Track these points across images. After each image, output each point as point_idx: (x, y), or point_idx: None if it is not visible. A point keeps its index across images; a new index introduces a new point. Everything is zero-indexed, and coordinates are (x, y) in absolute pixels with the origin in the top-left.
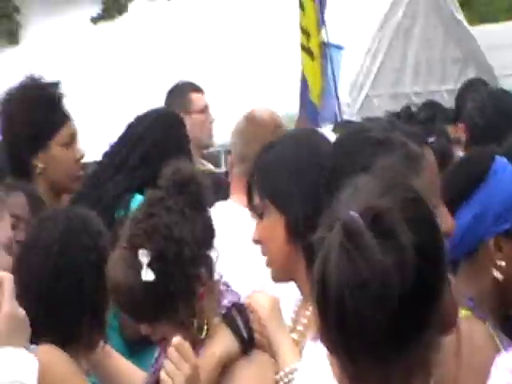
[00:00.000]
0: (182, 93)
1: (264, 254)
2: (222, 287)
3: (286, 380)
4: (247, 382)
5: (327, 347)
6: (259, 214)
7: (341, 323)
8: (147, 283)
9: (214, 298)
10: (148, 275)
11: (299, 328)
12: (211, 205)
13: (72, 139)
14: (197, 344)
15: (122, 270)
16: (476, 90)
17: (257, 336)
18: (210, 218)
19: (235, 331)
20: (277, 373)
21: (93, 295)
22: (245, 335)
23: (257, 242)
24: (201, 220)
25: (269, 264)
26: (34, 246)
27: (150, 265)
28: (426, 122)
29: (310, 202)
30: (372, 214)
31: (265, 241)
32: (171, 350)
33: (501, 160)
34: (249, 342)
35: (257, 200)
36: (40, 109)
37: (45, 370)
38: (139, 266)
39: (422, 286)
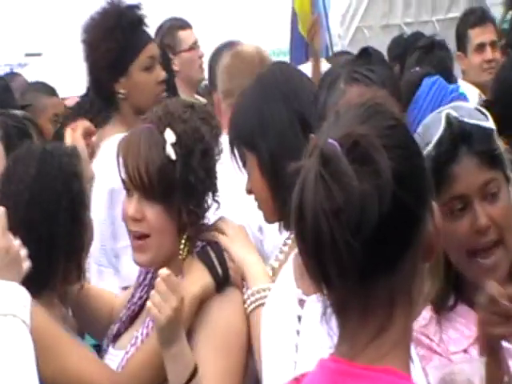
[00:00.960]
0: (169, 32)
1: (255, 199)
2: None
3: (252, 299)
4: (219, 320)
5: (308, 274)
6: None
7: (317, 250)
8: (167, 160)
9: (199, 229)
10: (171, 152)
11: (280, 256)
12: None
13: (152, 62)
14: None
15: (145, 143)
16: None
17: (231, 273)
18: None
19: (210, 269)
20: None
21: (66, 241)
22: (219, 272)
23: (248, 192)
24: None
25: (258, 206)
26: (4, 192)
27: (173, 145)
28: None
29: (276, 138)
30: (350, 141)
31: (250, 186)
32: (159, 282)
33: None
34: (223, 280)
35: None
36: (118, 35)
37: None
38: (163, 143)
39: (400, 213)
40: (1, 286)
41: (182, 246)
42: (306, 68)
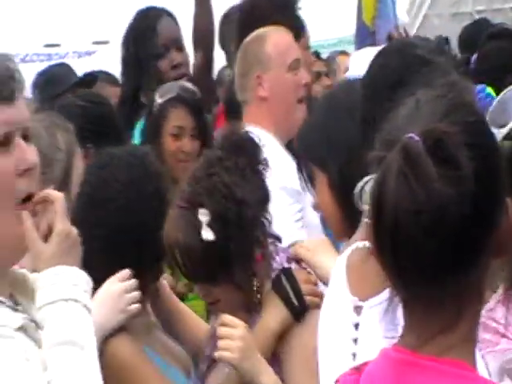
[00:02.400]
0: None
1: (323, 216)
2: (272, 246)
3: None
4: (302, 350)
5: (382, 268)
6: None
7: (394, 248)
8: (206, 243)
9: (268, 261)
10: (208, 234)
11: None
12: (266, 166)
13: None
14: (252, 309)
15: (181, 228)
16: None
17: (308, 298)
18: (265, 180)
19: (285, 300)
20: None
21: (153, 245)
22: (295, 303)
23: (315, 207)
24: (259, 181)
25: (328, 226)
26: (94, 200)
27: (209, 224)
28: None
29: (345, 156)
30: (433, 139)
31: (319, 204)
32: (219, 329)
33: None
34: (300, 308)
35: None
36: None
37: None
38: (199, 226)
39: (479, 216)
40: (62, 270)
41: (255, 297)
42: (366, 52)
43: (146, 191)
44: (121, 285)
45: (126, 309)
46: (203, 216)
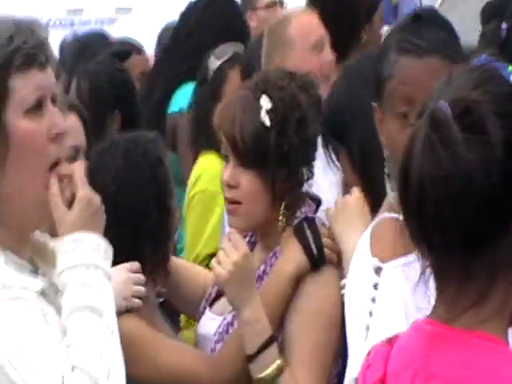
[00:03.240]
0: None
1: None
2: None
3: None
4: (313, 295)
5: (411, 239)
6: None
7: (421, 215)
8: (260, 126)
9: (297, 202)
10: (265, 119)
11: None
12: None
13: None
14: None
15: (241, 107)
16: None
17: (327, 252)
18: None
19: (304, 248)
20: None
21: (154, 231)
22: (314, 251)
23: (345, 185)
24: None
25: None
26: (91, 185)
27: (268, 112)
28: None
29: (365, 130)
30: (462, 106)
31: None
32: (224, 240)
33: None
34: (318, 259)
35: None
36: None
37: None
38: (259, 109)
39: (508, 185)
40: (83, 236)
41: (280, 217)
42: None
43: (141, 178)
44: (130, 274)
45: (129, 298)
46: (265, 102)
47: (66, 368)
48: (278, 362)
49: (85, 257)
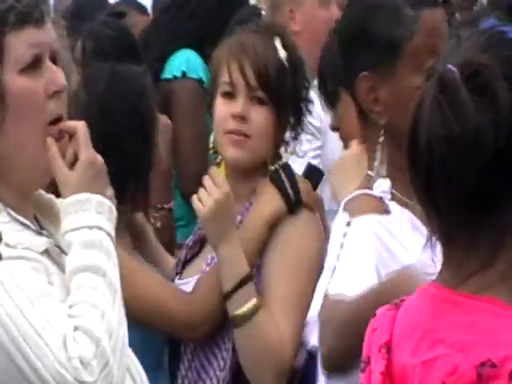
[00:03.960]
0: None
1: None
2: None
3: None
4: (292, 239)
5: (419, 202)
6: None
7: (428, 176)
8: (282, 65)
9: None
10: (285, 58)
11: None
12: None
13: None
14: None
15: (262, 46)
16: None
17: (304, 196)
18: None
19: (281, 191)
20: None
21: (135, 160)
22: (291, 194)
23: (334, 128)
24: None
25: (343, 145)
26: (76, 107)
27: (285, 53)
28: None
29: None
30: (471, 69)
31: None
32: (206, 178)
33: None
34: (295, 201)
35: None
36: None
37: None
38: (276, 50)
39: None
40: (86, 198)
41: (277, 162)
42: None
43: (125, 106)
44: None
45: None
46: (279, 45)
47: (68, 328)
48: (255, 300)
49: (88, 218)
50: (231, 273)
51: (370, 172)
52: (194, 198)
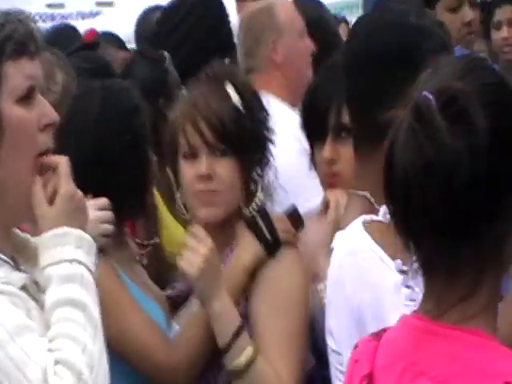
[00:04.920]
0: None
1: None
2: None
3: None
4: (275, 280)
5: (397, 233)
6: None
7: (406, 205)
8: (237, 112)
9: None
10: (238, 104)
11: None
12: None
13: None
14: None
15: (212, 97)
16: None
17: (282, 234)
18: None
19: (258, 235)
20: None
21: (132, 178)
22: (268, 237)
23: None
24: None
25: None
26: (68, 130)
27: (237, 97)
28: None
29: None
30: (446, 96)
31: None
32: (188, 238)
33: None
34: (273, 243)
35: None
36: None
37: None
38: (228, 96)
39: (493, 175)
40: (65, 232)
41: (251, 205)
42: None
43: (116, 125)
44: (96, 213)
45: (96, 238)
46: (231, 89)
47: (48, 362)
48: (250, 349)
49: (67, 252)
50: (226, 327)
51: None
52: (180, 259)
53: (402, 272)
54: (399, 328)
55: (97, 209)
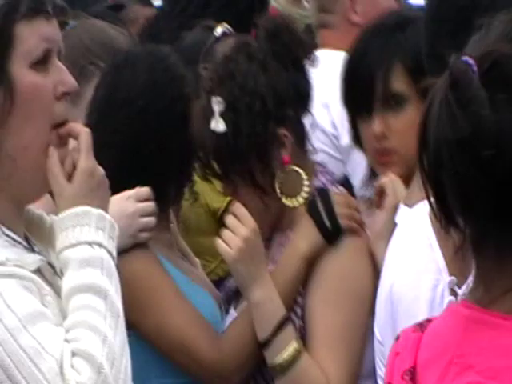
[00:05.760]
0: None
1: None
2: (316, 167)
3: None
4: (334, 269)
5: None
6: None
7: (440, 183)
8: (217, 134)
9: (307, 174)
10: (217, 125)
11: None
12: (312, 62)
13: None
14: (280, 226)
15: (196, 117)
16: None
17: (343, 222)
18: (303, 77)
19: (317, 222)
20: None
21: (179, 149)
22: (328, 224)
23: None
24: (287, 76)
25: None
26: (112, 102)
27: (222, 114)
28: None
29: None
30: (490, 61)
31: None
32: (228, 217)
33: None
34: (333, 231)
35: None
36: None
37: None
38: (211, 115)
39: None
40: (85, 211)
41: (284, 199)
42: None
43: (168, 94)
44: (138, 205)
45: (136, 235)
46: (217, 105)
47: (65, 353)
48: (295, 344)
49: (87, 234)
50: (267, 317)
51: None
52: (219, 240)
53: (452, 292)
54: (445, 317)
55: (138, 199)
